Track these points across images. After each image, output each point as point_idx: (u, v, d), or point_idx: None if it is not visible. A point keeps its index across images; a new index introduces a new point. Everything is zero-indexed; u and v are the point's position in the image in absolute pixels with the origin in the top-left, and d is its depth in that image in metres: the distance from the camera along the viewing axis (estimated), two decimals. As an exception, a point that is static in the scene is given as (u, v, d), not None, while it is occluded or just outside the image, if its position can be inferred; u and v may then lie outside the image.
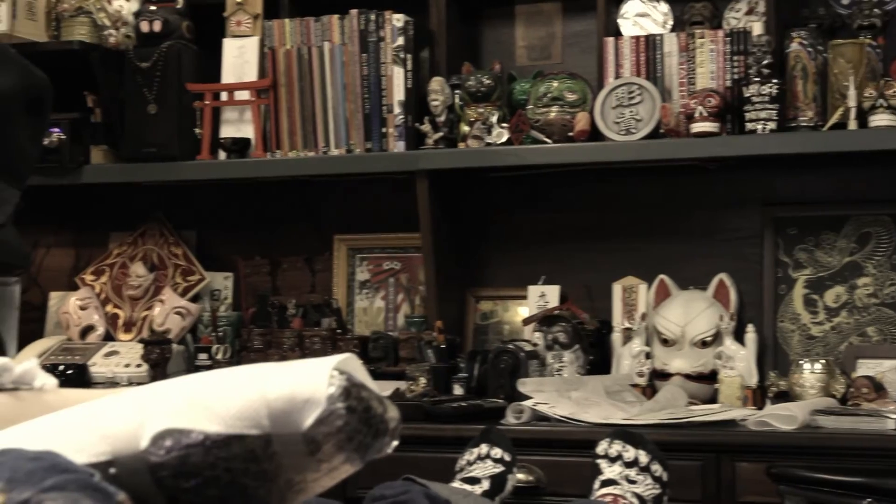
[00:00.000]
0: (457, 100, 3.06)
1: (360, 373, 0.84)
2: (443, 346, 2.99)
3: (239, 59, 3.23)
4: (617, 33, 3.02)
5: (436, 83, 3.06)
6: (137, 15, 3.27)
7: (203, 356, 3.20)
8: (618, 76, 2.97)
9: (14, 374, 1.01)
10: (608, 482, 1.82)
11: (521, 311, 3.17)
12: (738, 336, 2.87)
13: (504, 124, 3.01)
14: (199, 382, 0.85)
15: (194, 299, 3.37)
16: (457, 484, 1.90)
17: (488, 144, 3.01)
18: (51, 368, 3.15)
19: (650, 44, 2.96)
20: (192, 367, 3.20)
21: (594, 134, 2.96)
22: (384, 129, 3.09)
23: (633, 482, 1.81)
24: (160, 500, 0.81)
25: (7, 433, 0.88)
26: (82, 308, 3.40)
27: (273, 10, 3.23)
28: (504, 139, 3.00)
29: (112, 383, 3.15)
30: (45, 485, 0.70)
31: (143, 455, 0.81)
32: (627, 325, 3.01)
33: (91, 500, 0.70)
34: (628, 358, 2.93)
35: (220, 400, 0.81)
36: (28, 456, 0.74)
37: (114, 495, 0.72)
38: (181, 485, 0.81)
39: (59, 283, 3.55)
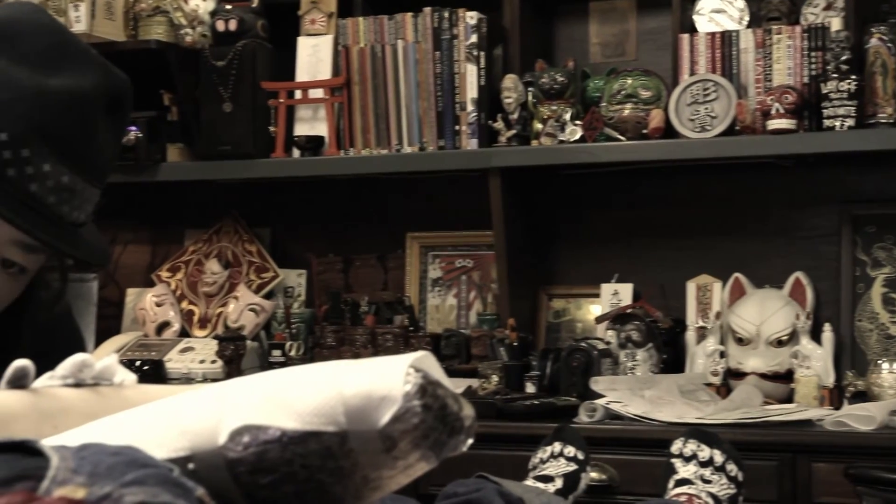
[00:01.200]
0: (530, 97, 3.05)
1: (436, 371, 0.84)
2: (515, 344, 2.98)
3: (313, 57, 3.25)
4: (692, 30, 3.00)
5: (509, 81, 3.05)
6: (213, 14, 3.30)
7: (276, 353, 3.22)
8: (693, 73, 2.94)
9: (95, 370, 1.02)
10: (683, 481, 1.80)
11: (594, 309, 3.15)
12: (815, 335, 2.84)
13: (577, 122, 2.99)
14: (277, 379, 0.85)
15: (268, 296, 3.39)
16: (530, 482, 1.89)
17: (561, 142, 2.99)
18: (127, 364, 3.19)
19: (726, 40, 2.93)
20: (265, 364, 3.22)
21: (668, 131, 2.93)
22: (457, 127, 3.09)
23: (708, 482, 1.80)
24: (238, 496, 0.82)
25: (88, 428, 0.89)
26: (158, 304, 3.44)
27: (347, 9, 3.24)
28: (577, 137, 2.98)
29: (187, 379, 3.18)
30: (126, 479, 0.71)
31: (221, 451, 0.81)
32: (701, 323, 2.98)
33: (170, 495, 0.71)
34: (702, 357, 2.91)
35: (298, 397, 0.81)
36: (109, 451, 0.75)
37: (192, 490, 0.73)
38: (258, 480, 0.81)
39: (136, 280, 3.60)
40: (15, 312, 1.39)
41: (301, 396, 0.82)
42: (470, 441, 0.84)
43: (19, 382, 1.01)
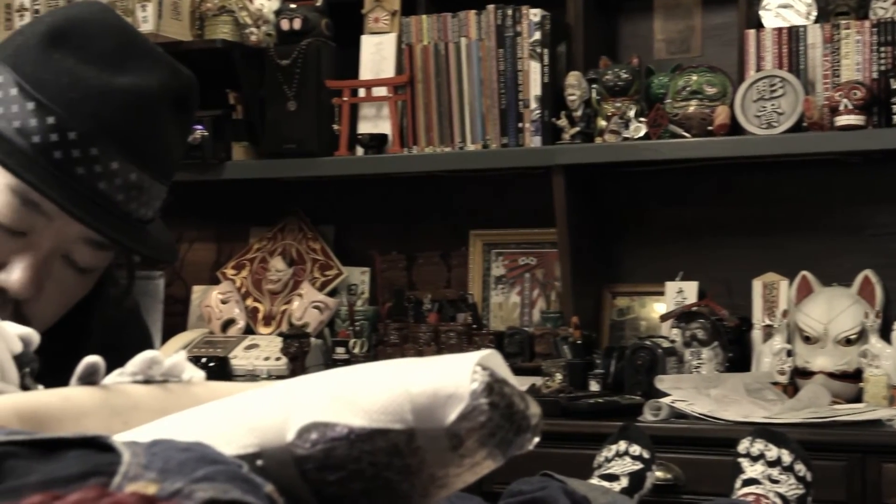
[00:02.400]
0: (594, 94, 3.04)
1: (502, 368, 0.84)
2: (579, 342, 2.97)
3: (376, 55, 3.26)
4: (758, 25, 2.97)
5: (573, 78, 3.04)
6: (278, 13, 3.32)
7: (340, 350, 3.23)
8: (759, 69, 2.91)
9: (163, 366, 1.03)
10: (750, 481, 1.79)
11: (658, 307, 3.13)
12: (885, 334, 2.80)
13: (642, 119, 2.98)
14: (344, 377, 0.85)
15: (332, 294, 3.41)
16: (595, 480, 1.89)
17: (625, 139, 2.98)
18: (193, 361, 3.20)
19: (793, 35, 2.89)
20: (329, 361, 3.24)
21: (734, 128, 2.91)
22: (520, 125, 3.08)
23: (775, 482, 1.78)
24: (305, 493, 0.82)
25: (158, 424, 0.89)
26: (223, 302, 3.47)
27: (410, 7, 3.25)
28: (642, 134, 2.97)
29: (252, 376, 3.20)
30: (197, 475, 0.71)
31: (289, 448, 0.81)
32: (768, 322, 2.95)
33: (240, 491, 0.71)
34: (769, 355, 2.88)
35: (365, 394, 0.81)
36: (179, 447, 0.76)
37: (261, 486, 0.73)
38: (326, 477, 0.81)
39: (202, 278, 3.63)
40: (84, 309, 1.40)
41: (368, 394, 0.82)
42: (536, 439, 0.84)
43: (90, 378, 1.02)
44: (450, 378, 0.81)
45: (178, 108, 1.33)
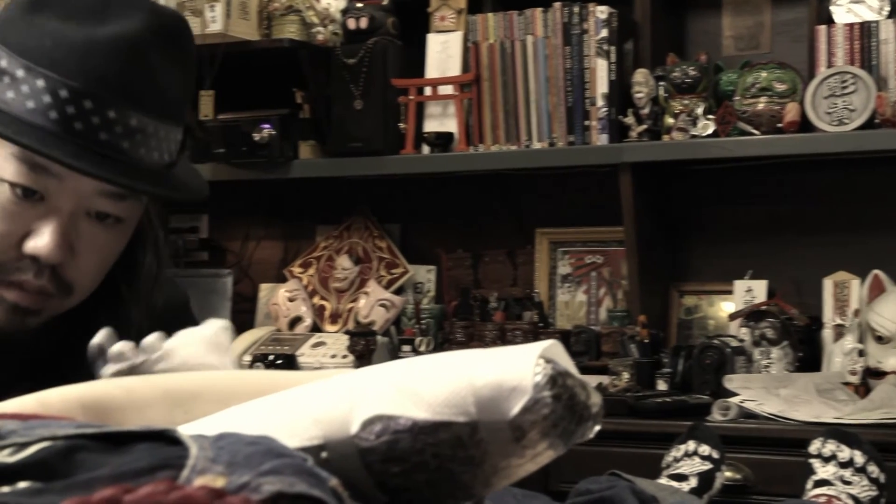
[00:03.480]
0: (661, 91, 3.01)
1: (564, 360, 0.85)
2: (646, 341, 2.95)
3: (442, 53, 3.26)
4: (829, 21, 2.93)
5: (640, 75, 3.02)
6: (344, 12, 3.34)
7: (407, 348, 3.24)
8: (830, 65, 2.87)
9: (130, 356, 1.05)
10: (822, 482, 1.77)
11: (727, 306, 3.11)
12: (959, 334, 2.75)
13: (710, 116, 2.95)
14: (408, 369, 0.86)
15: (398, 292, 3.41)
16: (663, 480, 1.87)
17: (693, 137, 2.95)
18: (261, 358, 3.25)
19: (865, 31, 2.85)
20: (395, 359, 3.23)
21: (804, 125, 2.87)
22: (587, 122, 3.07)
23: (848, 483, 1.76)
24: (369, 485, 0.82)
25: (222, 416, 0.90)
26: (291, 300, 3.49)
27: (476, 5, 3.25)
28: (710, 131, 2.94)
29: (319, 373, 3.21)
30: (263, 468, 0.72)
31: (353, 440, 0.82)
32: (839, 321, 2.91)
33: (306, 485, 0.72)
34: (840, 355, 2.84)
35: (428, 387, 0.82)
36: (246, 440, 0.76)
37: (326, 480, 0.74)
38: (390, 469, 0.82)
39: (269, 276, 3.66)
40: (118, 281, 1.41)
41: (432, 387, 0.82)
42: (597, 428, 0.85)
43: (120, 359, 1.03)
44: (513, 371, 0.81)
45: (168, 47, 1.32)
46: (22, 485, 0.72)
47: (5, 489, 0.72)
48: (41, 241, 1.29)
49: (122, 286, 1.41)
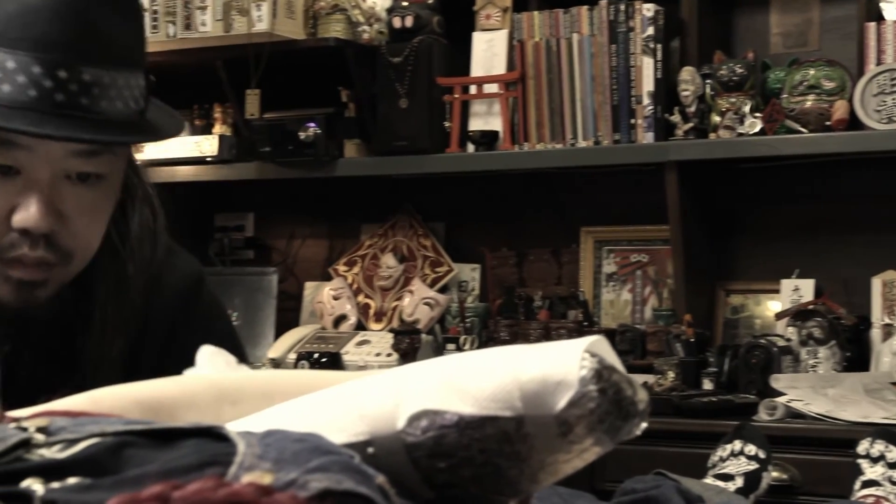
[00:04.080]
0: (708, 89, 3.00)
1: (610, 355, 0.84)
2: (692, 340, 2.94)
3: (488, 52, 3.26)
4: (879, 17, 2.90)
5: (686, 73, 3.01)
6: (390, 11, 3.34)
7: (451, 346, 3.24)
8: (879, 62, 2.84)
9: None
10: (870, 483, 1.75)
11: (773, 305, 3.08)
12: None
13: (757, 114, 2.93)
14: (453, 364, 0.86)
15: (443, 290, 3.42)
16: (709, 480, 1.86)
17: (740, 135, 2.94)
18: (306, 356, 3.26)
19: (914, 27, 2.82)
20: (440, 357, 3.24)
21: (853, 123, 2.85)
22: (633, 121, 3.06)
23: (896, 484, 1.74)
24: (416, 480, 0.82)
25: (269, 412, 0.91)
26: (335, 298, 3.50)
27: (522, 3, 3.24)
28: (757, 129, 2.92)
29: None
30: (311, 465, 0.72)
31: (400, 435, 0.82)
32: (888, 320, 2.89)
33: (353, 482, 0.72)
34: (888, 355, 2.81)
35: (474, 381, 0.82)
36: (293, 437, 0.77)
37: (374, 477, 0.74)
38: (436, 465, 0.82)
39: (314, 274, 3.67)
40: (114, 240, 1.41)
41: (478, 381, 0.82)
42: (644, 425, 0.84)
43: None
44: (559, 365, 0.81)
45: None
46: (71, 481, 0.73)
47: (55, 485, 0.72)
48: (27, 213, 1.30)
49: (117, 244, 1.41)
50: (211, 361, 1.09)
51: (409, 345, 3.17)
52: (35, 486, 0.72)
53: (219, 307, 1.58)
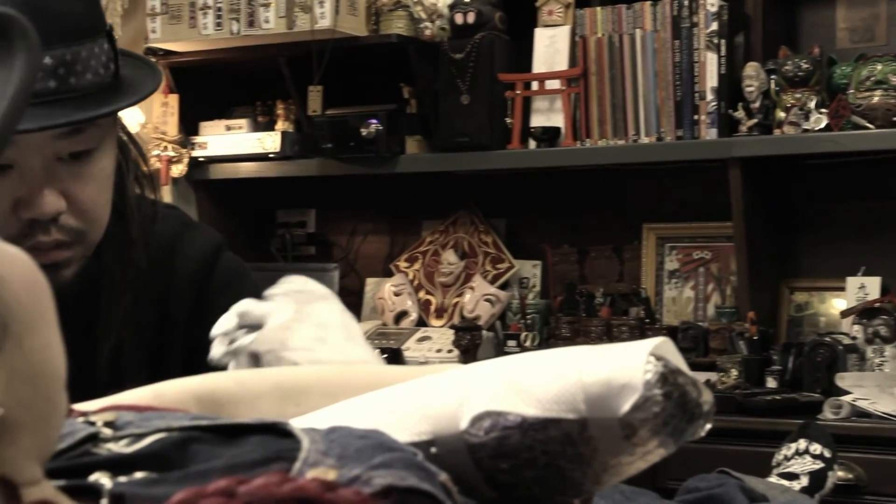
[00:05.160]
0: (772, 85, 2.97)
1: (675, 357, 0.84)
2: (755, 338, 2.92)
3: (550, 48, 3.25)
4: (947, 11, 2.86)
5: (751, 68, 2.98)
6: (452, 7, 3.34)
7: (512, 343, 3.24)
8: (948, 56, 2.80)
9: (254, 315, 1.06)
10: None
11: (838, 303, 3.05)
12: None
13: (823, 110, 2.90)
14: (517, 365, 0.85)
15: (503, 287, 3.41)
16: (773, 479, 1.85)
17: (805, 131, 2.91)
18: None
19: (985, 21, 2.78)
20: (501, 354, 3.24)
21: (921, 118, 2.81)
22: (696, 117, 3.04)
23: (964, 485, 1.71)
24: (478, 480, 0.83)
25: (333, 410, 0.91)
26: (396, 294, 3.51)
27: (584, -1, 3.23)
28: (822, 125, 2.89)
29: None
30: (374, 462, 0.73)
31: (463, 435, 0.82)
32: (956, 320, 2.84)
33: (416, 479, 0.72)
34: (957, 355, 2.77)
35: (538, 383, 0.82)
36: (356, 434, 0.77)
37: (436, 475, 0.74)
38: (499, 465, 0.82)
39: (375, 270, 3.68)
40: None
41: (541, 383, 0.82)
42: (708, 426, 0.84)
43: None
44: (623, 368, 0.81)
45: None
46: (138, 475, 0.74)
47: (122, 479, 0.73)
48: (29, 203, 1.31)
49: (119, 206, 1.42)
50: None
51: (470, 341, 3.17)
52: (103, 479, 0.73)
53: (243, 270, 1.57)
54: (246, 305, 1.22)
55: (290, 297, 1.24)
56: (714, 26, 3.01)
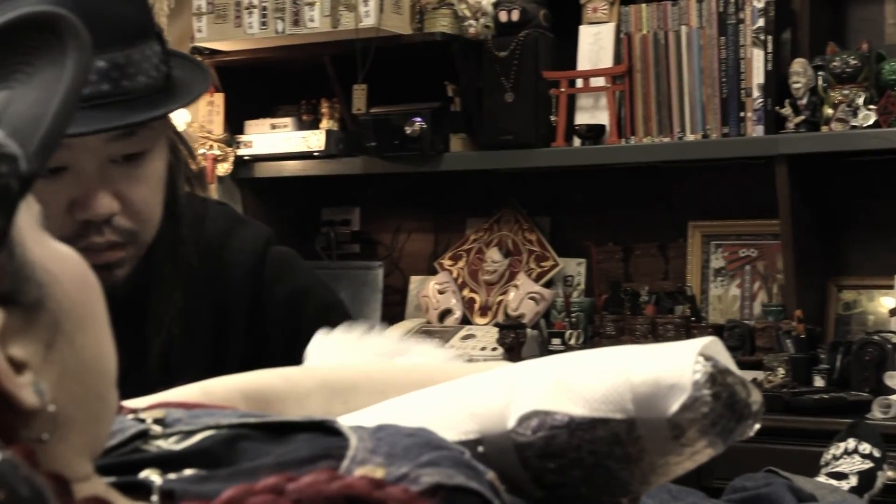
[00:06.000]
0: (820, 81, 2.94)
1: (724, 356, 0.84)
2: (802, 336, 2.89)
3: (594, 45, 3.24)
4: None
5: (798, 65, 2.96)
6: (496, 5, 3.34)
7: (556, 341, 3.23)
8: None
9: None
10: None
11: (886, 301, 3.02)
12: None
13: (871, 106, 2.87)
14: (564, 364, 0.85)
15: (548, 285, 3.41)
16: (822, 478, 1.83)
17: (853, 127, 2.88)
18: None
19: None
20: (545, 352, 3.24)
21: (971, 114, 2.77)
22: (742, 114, 3.02)
23: None
24: (525, 480, 0.82)
25: (380, 408, 0.91)
26: (441, 292, 3.51)
27: (629, -4, 3.22)
28: (871, 122, 2.86)
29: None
30: (422, 460, 0.73)
31: (510, 435, 0.82)
32: None
33: (464, 477, 0.72)
34: None
35: (586, 383, 0.81)
36: (404, 432, 0.77)
37: (484, 473, 0.74)
38: (546, 465, 0.82)
39: (419, 268, 3.69)
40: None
41: (589, 383, 0.82)
42: (757, 426, 0.83)
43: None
44: (672, 368, 0.80)
45: None
46: (188, 472, 0.74)
47: (172, 476, 0.74)
48: (84, 204, 1.33)
49: (169, 206, 1.43)
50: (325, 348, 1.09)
51: (514, 339, 3.16)
52: (153, 476, 0.73)
53: (294, 259, 1.58)
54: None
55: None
56: (760, 22, 2.99)
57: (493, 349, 3.23)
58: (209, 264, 1.47)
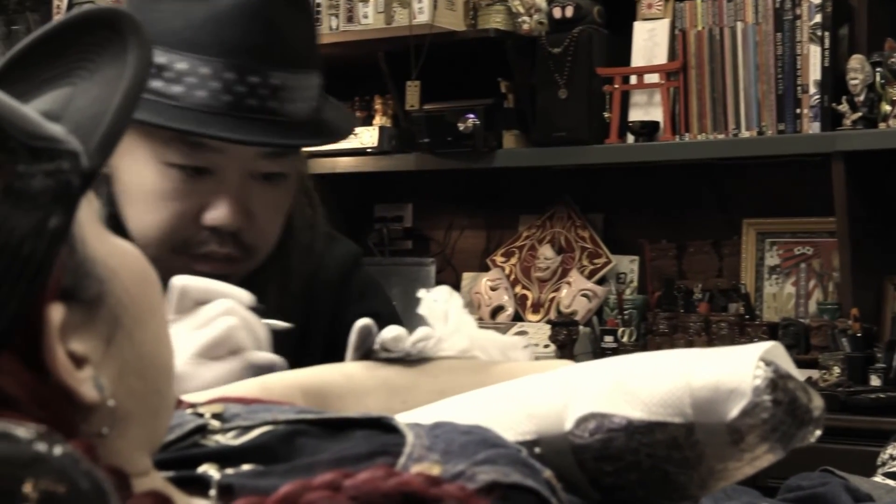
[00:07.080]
0: (878, 78, 2.91)
1: (785, 361, 0.83)
2: (858, 335, 2.86)
3: (649, 41, 3.22)
4: None
5: (855, 61, 2.92)
6: (550, 1, 3.33)
7: (609, 339, 3.22)
8: None
9: (406, 343, 1.06)
10: None
11: (946, 301, 2.98)
12: None
13: (929, 103, 2.84)
14: (623, 367, 0.85)
15: (600, 282, 3.40)
16: (878, 478, 1.81)
17: (912, 124, 2.85)
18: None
19: None
20: (597, 350, 3.23)
21: None
22: (798, 110, 2.99)
23: None
24: (582, 481, 0.82)
25: (438, 406, 0.91)
26: (493, 289, 3.51)
27: (684, -8, 3.20)
28: (929, 118, 2.83)
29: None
30: (478, 458, 0.73)
31: (567, 436, 0.82)
32: None
33: (520, 475, 0.72)
34: None
35: (644, 386, 0.81)
36: (460, 430, 0.77)
37: (541, 472, 0.74)
38: (603, 468, 0.81)
39: (472, 264, 3.68)
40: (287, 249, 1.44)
41: (648, 386, 0.81)
42: (818, 432, 0.82)
43: (365, 343, 1.05)
44: (732, 373, 0.80)
45: (286, 2, 1.35)
46: (245, 467, 0.75)
47: (229, 471, 0.74)
48: (218, 211, 1.34)
49: (283, 236, 1.44)
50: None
51: (567, 336, 3.15)
52: (211, 471, 0.74)
53: (377, 285, 1.61)
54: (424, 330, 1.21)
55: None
56: (817, 18, 2.96)
57: (546, 346, 3.22)
58: (301, 280, 1.49)
